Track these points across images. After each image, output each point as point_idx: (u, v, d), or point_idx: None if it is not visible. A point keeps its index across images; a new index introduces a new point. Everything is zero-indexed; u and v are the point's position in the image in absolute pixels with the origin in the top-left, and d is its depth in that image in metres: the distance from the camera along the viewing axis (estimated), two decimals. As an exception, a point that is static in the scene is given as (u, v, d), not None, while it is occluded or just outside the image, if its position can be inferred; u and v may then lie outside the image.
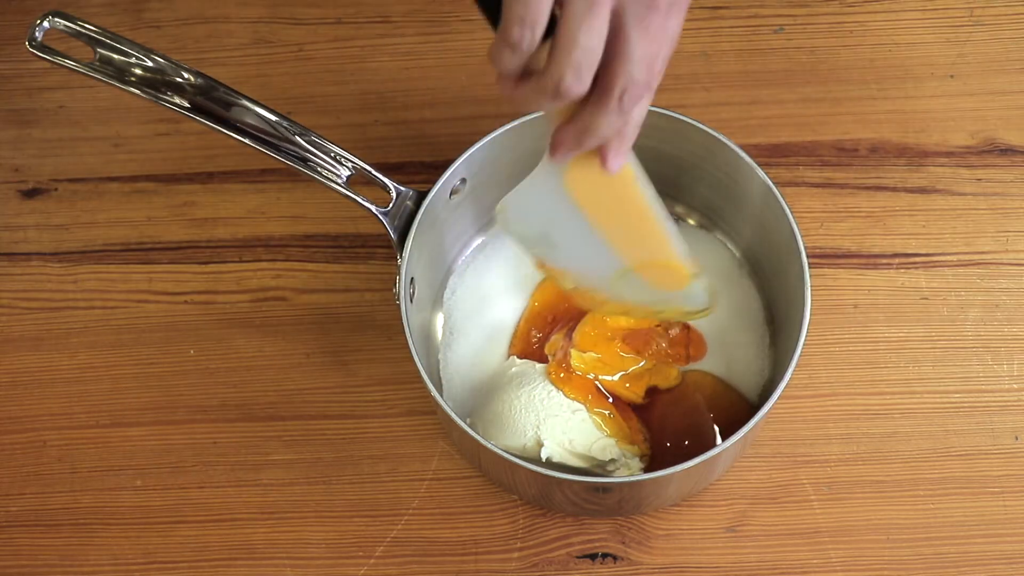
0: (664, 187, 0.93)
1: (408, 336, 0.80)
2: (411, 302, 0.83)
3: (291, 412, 0.91)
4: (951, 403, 0.90)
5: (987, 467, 0.88)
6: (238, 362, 0.93)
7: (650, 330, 0.88)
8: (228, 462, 0.90)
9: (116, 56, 0.81)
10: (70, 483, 0.90)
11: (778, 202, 0.83)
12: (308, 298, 0.95)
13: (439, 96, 1.01)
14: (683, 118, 0.86)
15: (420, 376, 0.79)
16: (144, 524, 0.89)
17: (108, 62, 0.81)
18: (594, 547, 0.87)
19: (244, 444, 0.91)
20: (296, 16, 1.05)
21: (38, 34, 0.80)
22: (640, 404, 0.87)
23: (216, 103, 0.82)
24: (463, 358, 0.91)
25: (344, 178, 0.83)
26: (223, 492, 0.89)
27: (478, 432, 0.79)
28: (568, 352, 0.86)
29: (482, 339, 0.91)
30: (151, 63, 0.81)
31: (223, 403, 0.92)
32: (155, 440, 0.91)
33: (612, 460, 0.84)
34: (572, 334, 0.87)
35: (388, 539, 0.88)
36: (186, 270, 0.96)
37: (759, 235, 0.89)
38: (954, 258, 0.95)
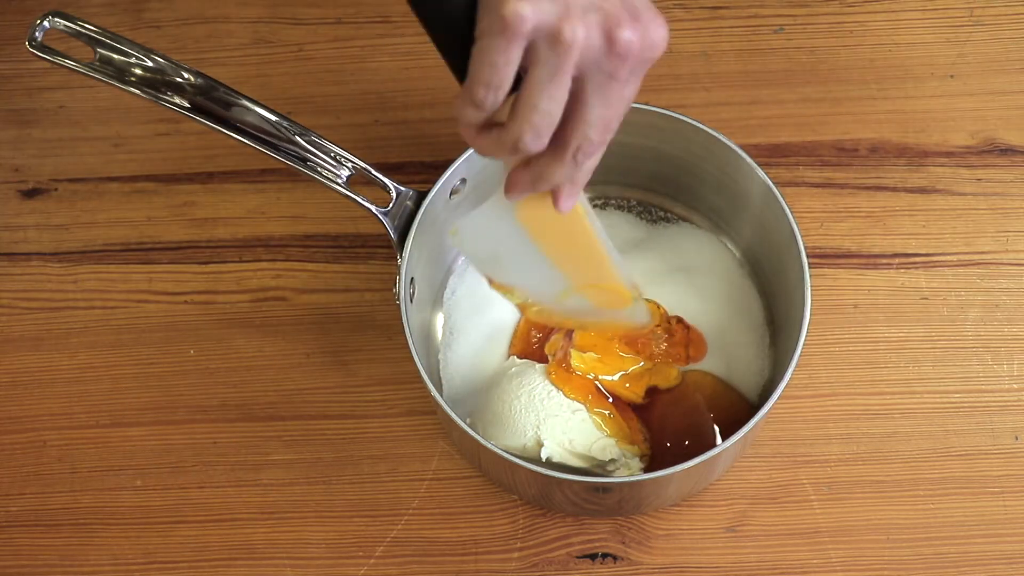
0: (664, 187, 0.94)
1: (408, 336, 0.80)
2: (411, 302, 0.83)
3: (291, 412, 0.91)
4: (951, 403, 0.90)
5: (987, 467, 0.88)
6: (238, 362, 0.93)
7: (650, 330, 0.88)
8: (228, 462, 0.90)
9: (116, 56, 0.81)
10: (70, 483, 0.90)
11: (778, 202, 0.83)
12: (308, 298, 0.95)
13: (439, 96, 1.01)
14: (683, 118, 0.86)
15: (420, 376, 0.79)
16: (144, 524, 0.89)
17: (108, 62, 0.81)
18: (594, 547, 0.87)
19: (244, 444, 0.91)
20: (296, 16, 1.05)
21: (38, 34, 0.80)
22: (640, 404, 0.87)
23: (216, 103, 0.82)
24: (463, 358, 0.91)
25: (344, 178, 0.83)
26: (223, 492, 0.89)
27: (478, 432, 0.79)
28: (568, 352, 0.86)
29: (482, 339, 0.91)
30: (151, 63, 0.81)
31: (223, 403, 0.92)
32: (155, 440, 0.91)
33: (612, 460, 0.84)
34: (572, 334, 0.87)
35: (388, 539, 0.88)
36: (186, 270, 0.96)
37: (759, 235, 0.89)
38: (954, 258, 0.95)
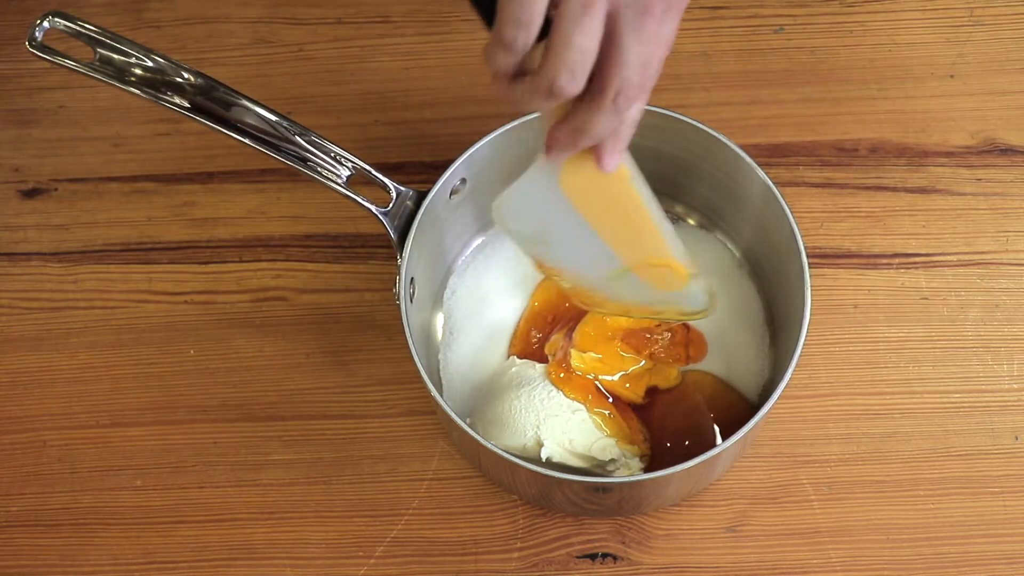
0: (664, 187, 0.94)
1: (408, 336, 0.80)
2: (411, 302, 0.83)
3: (291, 412, 0.91)
4: (951, 403, 0.90)
5: (987, 467, 0.88)
6: (238, 362, 0.93)
7: (650, 330, 0.88)
8: (228, 462, 0.90)
9: (116, 56, 0.81)
10: (70, 483, 0.90)
11: (778, 202, 0.83)
12: (308, 298, 0.95)
13: (439, 96, 1.01)
14: (683, 118, 0.86)
15: (420, 376, 0.79)
16: (144, 524, 0.89)
17: (108, 62, 0.81)
18: (594, 547, 0.87)
19: (244, 444, 0.91)
20: (296, 16, 1.05)
21: (38, 34, 0.80)
22: (640, 404, 0.87)
23: (216, 103, 0.82)
24: (463, 358, 0.91)
25: (344, 178, 0.83)
26: (223, 492, 0.89)
27: (478, 432, 0.79)
28: (568, 352, 0.86)
29: (482, 339, 0.91)
30: (151, 63, 0.81)
31: (223, 403, 0.92)
32: (155, 440, 0.91)
33: (612, 460, 0.84)
34: (572, 334, 0.87)
35: (388, 539, 0.88)
36: (186, 270, 0.96)
37: (759, 235, 0.89)
38: (954, 258, 0.95)
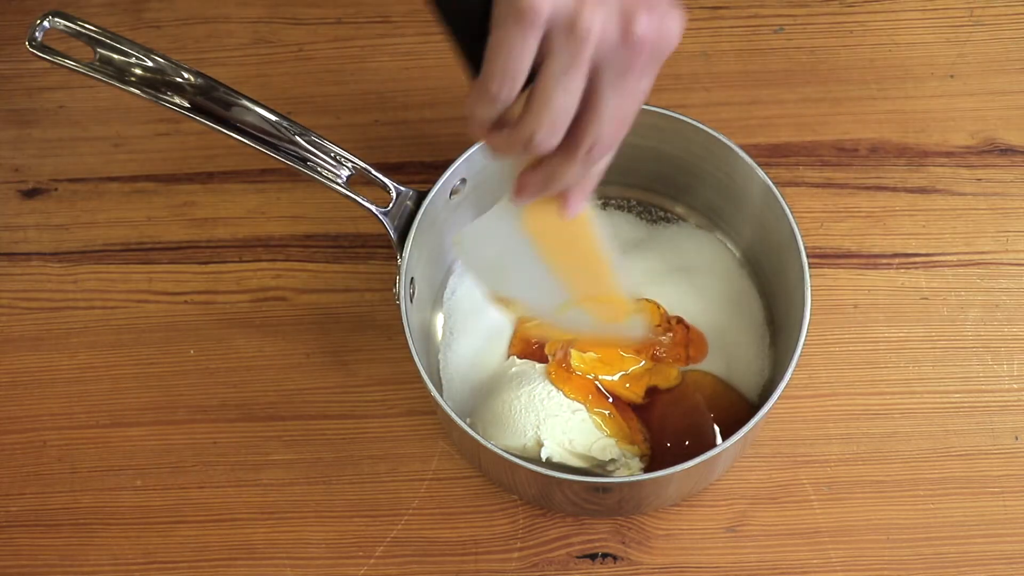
0: (664, 187, 0.94)
1: (408, 336, 0.80)
2: (411, 302, 0.83)
3: (291, 412, 0.91)
4: (951, 403, 0.90)
5: (987, 467, 0.88)
6: (238, 362, 0.93)
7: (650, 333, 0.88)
8: (228, 462, 0.90)
9: (116, 56, 0.81)
10: (70, 483, 0.90)
11: (778, 202, 0.83)
12: (308, 298, 0.95)
13: (439, 96, 1.01)
14: (683, 118, 0.86)
15: (420, 376, 0.79)
16: (144, 524, 0.89)
17: (108, 62, 0.81)
18: (594, 547, 0.87)
19: (244, 444, 0.91)
20: (296, 16, 1.05)
21: (38, 34, 0.80)
22: (640, 404, 0.87)
23: (216, 103, 0.82)
24: (463, 358, 0.91)
25: (344, 178, 0.83)
26: (223, 492, 0.89)
27: (478, 432, 0.79)
28: (568, 352, 0.86)
29: (482, 339, 0.91)
30: (151, 63, 0.81)
31: (223, 403, 0.92)
32: (155, 440, 0.91)
33: (612, 460, 0.84)
34: (572, 334, 0.87)
35: (388, 539, 0.88)
36: (186, 270, 0.96)
37: (759, 235, 0.89)
38: (954, 258, 0.95)
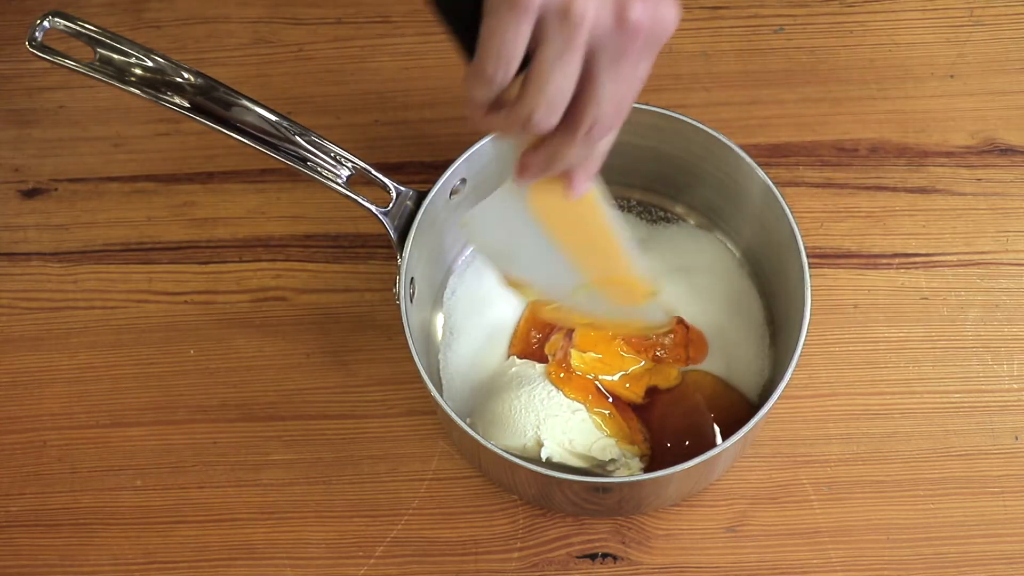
0: (664, 187, 0.94)
1: (408, 336, 0.80)
2: (411, 302, 0.83)
3: (291, 412, 0.91)
4: (951, 403, 0.90)
5: (987, 467, 0.88)
6: (238, 362, 0.93)
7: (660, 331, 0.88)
8: (228, 462, 0.90)
9: (116, 56, 0.81)
10: (70, 483, 0.90)
11: (778, 202, 0.83)
12: (308, 298, 0.95)
13: (439, 96, 1.01)
14: (683, 118, 0.86)
15: (420, 376, 0.79)
16: (144, 524, 0.89)
17: (108, 62, 0.81)
18: (594, 547, 0.87)
19: (244, 444, 0.91)
20: (296, 16, 1.05)
21: (38, 34, 0.80)
22: (640, 404, 0.87)
23: (216, 103, 0.82)
24: (463, 358, 0.91)
25: (344, 178, 0.83)
26: (223, 492, 0.89)
27: (478, 432, 0.79)
28: (568, 352, 0.86)
29: (482, 339, 0.91)
30: (151, 63, 0.81)
31: (223, 403, 0.92)
32: (155, 440, 0.91)
33: (612, 460, 0.84)
34: (572, 334, 0.87)
35: (388, 539, 0.88)
36: (186, 270, 0.96)
37: (759, 235, 0.89)
38: (954, 258, 0.95)
